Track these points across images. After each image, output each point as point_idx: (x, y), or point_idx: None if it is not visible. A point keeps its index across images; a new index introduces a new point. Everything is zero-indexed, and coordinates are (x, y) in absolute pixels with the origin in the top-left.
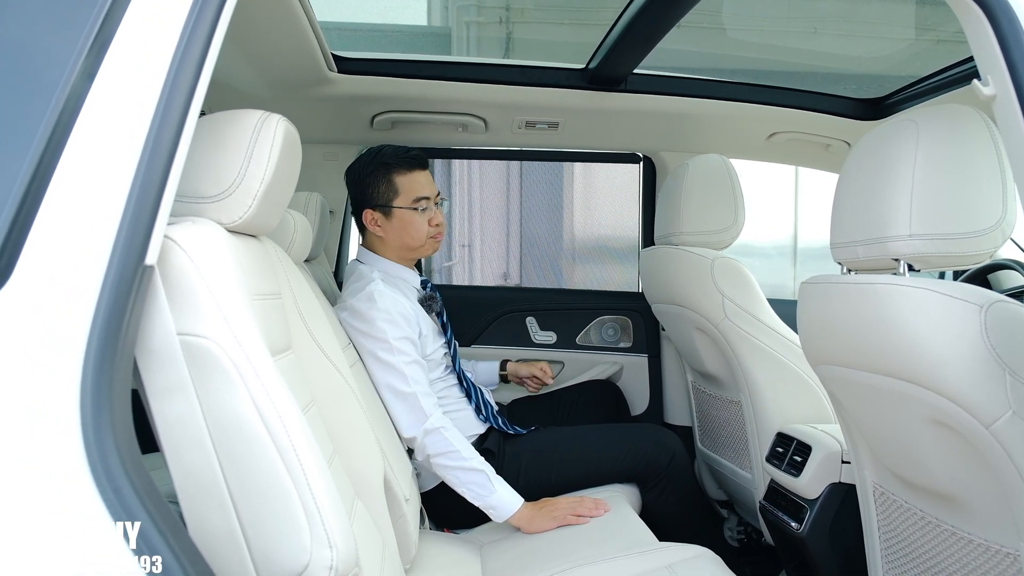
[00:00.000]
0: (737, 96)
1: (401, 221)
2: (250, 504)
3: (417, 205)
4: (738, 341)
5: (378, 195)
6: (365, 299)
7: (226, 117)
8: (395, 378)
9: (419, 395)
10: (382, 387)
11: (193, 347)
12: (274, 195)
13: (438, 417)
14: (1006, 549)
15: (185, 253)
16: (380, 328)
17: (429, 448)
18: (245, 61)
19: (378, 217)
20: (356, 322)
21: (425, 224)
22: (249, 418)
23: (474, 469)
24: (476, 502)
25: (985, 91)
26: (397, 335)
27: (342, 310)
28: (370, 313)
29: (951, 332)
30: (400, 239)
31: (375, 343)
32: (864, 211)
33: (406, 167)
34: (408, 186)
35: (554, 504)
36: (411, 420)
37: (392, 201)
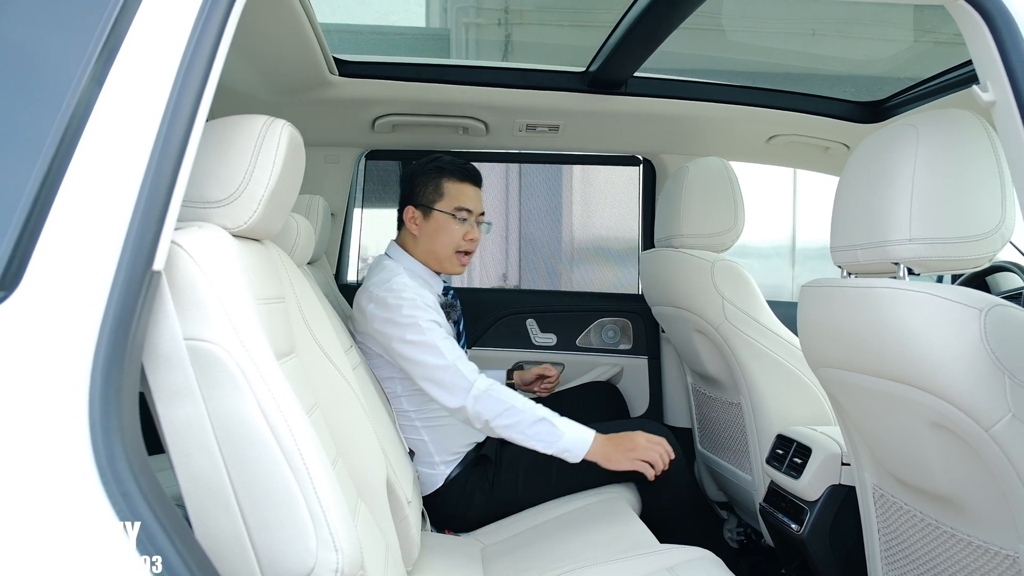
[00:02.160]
0: (737, 99)
1: (437, 225)
2: (256, 507)
3: (457, 214)
4: (738, 343)
5: (424, 194)
6: (391, 288)
7: (231, 122)
8: (430, 354)
9: (458, 364)
10: (417, 368)
11: (200, 352)
12: (279, 199)
13: (482, 380)
14: (1005, 551)
15: (192, 259)
16: (408, 314)
17: (484, 413)
18: (247, 65)
19: (417, 216)
20: (382, 311)
21: (459, 235)
22: (255, 422)
23: (537, 420)
24: (547, 451)
25: (984, 97)
26: (426, 317)
27: (368, 300)
28: (397, 301)
29: (951, 335)
30: (431, 243)
31: (404, 329)
32: (864, 215)
33: (458, 176)
34: (454, 194)
35: (631, 441)
36: (455, 390)
37: (435, 203)
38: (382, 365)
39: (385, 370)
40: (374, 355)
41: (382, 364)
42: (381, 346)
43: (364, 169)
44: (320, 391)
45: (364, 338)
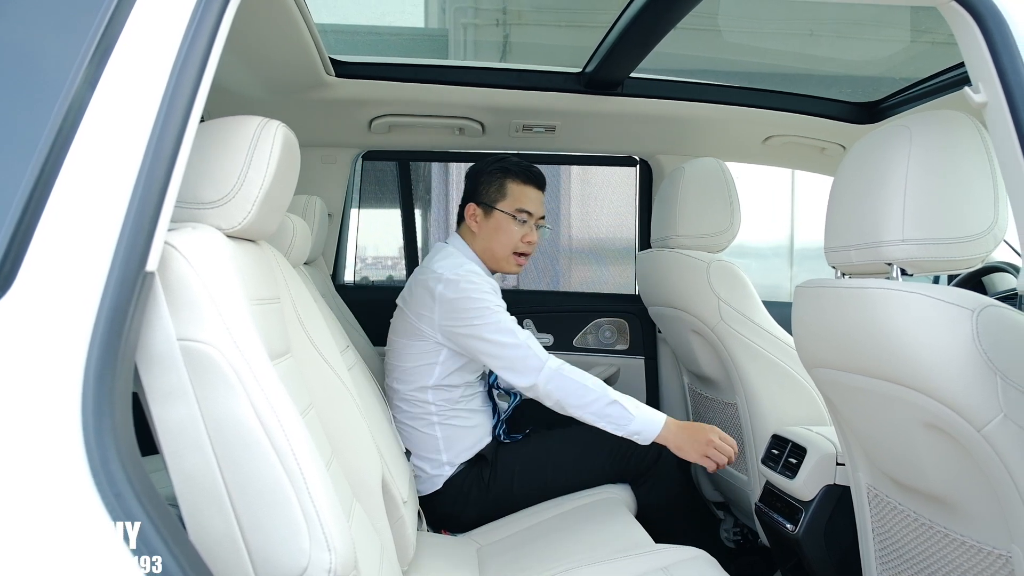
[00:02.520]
0: (733, 100)
1: (497, 224)
2: (249, 507)
3: (517, 215)
4: (734, 344)
5: (487, 193)
6: (463, 272)
7: (225, 123)
8: (503, 334)
9: (529, 343)
10: (488, 347)
11: (193, 352)
12: (273, 200)
13: (553, 359)
14: (998, 551)
15: (185, 259)
16: (481, 297)
17: (555, 393)
18: (243, 65)
19: (478, 213)
20: (453, 292)
21: (518, 237)
22: (248, 422)
23: (609, 402)
24: (617, 433)
25: (976, 98)
26: (496, 301)
27: (436, 281)
28: (469, 284)
29: (943, 336)
30: (489, 242)
31: (477, 311)
32: (858, 216)
33: (523, 179)
34: (517, 195)
35: (704, 434)
36: (527, 370)
37: (497, 203)
38: (426, 351)
39: (426, 357)
40: (419, 339)
41: (426, 350)
42: (441, 328)
43: (361, 169)
44: (315, 392)
45: (419, 320)
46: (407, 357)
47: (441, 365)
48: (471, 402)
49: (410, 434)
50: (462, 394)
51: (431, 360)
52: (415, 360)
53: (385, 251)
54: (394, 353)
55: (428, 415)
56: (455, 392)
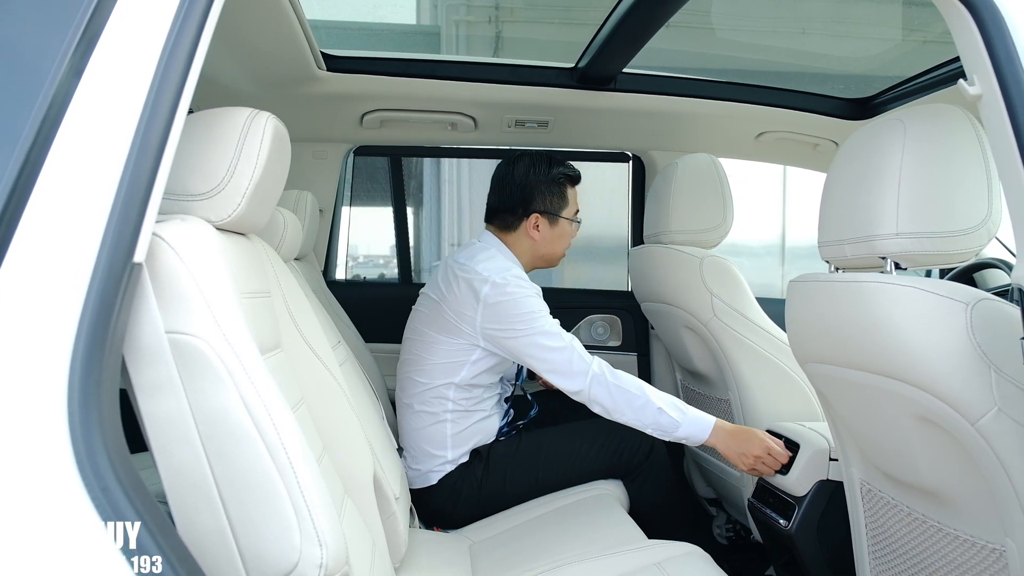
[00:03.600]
0: (726, 96)
1: (561, 231)
2: (239, 502)
3: (576, 219)
4: (726, 339)
5: (551, 203)
6: (511, 277)
7: (215, 115)
8: (549, 338)
9: (574, 345)
10: (536, 351)
11: (182, 345)
12: (263, 193)
13: (598, 363)
14: (991, 545)
15: (174, 251)
16: (528, 301)
17: (601, 398)
18: (233, 58)
19: (543, 223)
20: (500, 295)
21: (572, 237)
22: (238, 416)
23: (655, 410)
24: (664, 438)
25: (971, 91)
26: (542, 305)
27: (482, 283)
28: (517, 289)
29: (937, 329)
30: (551, 247)
31: (525, 315)
32: (851, 210)
33: (575, 181)
34: (572, 199)
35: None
36: (574, 374)
37: (561, 211)
38: (460, 349)
39: (459, 355)
40: (457, 336)
41: (461, 348)
42: (483, 331)
43: (352, 165)
44: (306, 386)
45: (459, 319)
46: (438, 352)
47: (471, 365)
48: (487, 403)
49: (419, 428)
50: (482, 395)
51: (462, 358)
52: (446, 356)
53: (376, 248)
54: (422, 345)
55: (444, 411)
56: (476, 392)
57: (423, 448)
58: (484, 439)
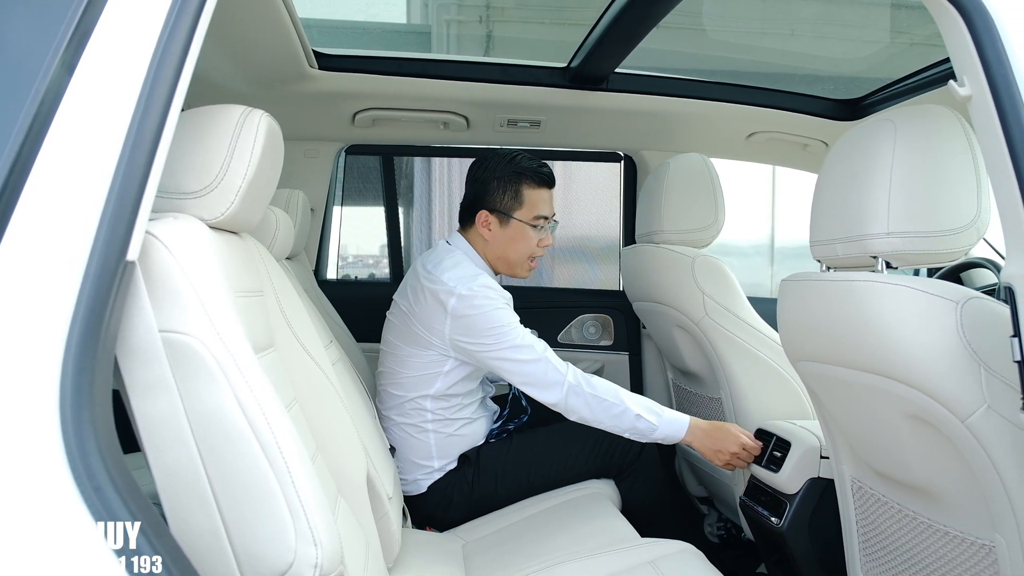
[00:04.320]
0: (717, 96)
1: (514, 233)
2: (234, 502)
3: (536, 223)
4: (718, 338)
5: (502, 201)
6: (479, 287)
7: (208, 112)
8: (522, 352)
9: (549, 357)
10: (509, 364)
11: (175, 344)
12: (256, 191)
13: (573, 373)
14: (981, 541)
15: (167, 249)
16: (498, 314)
17: (579, 409)
18: (225, 56)
19: (492, 221)
20: (468, 308)
21: (534, 243)
22: (232, 415)
23: (633, 416)
24: (643, 440)
25: (961, 92)
26: (512, 316)
27: (448, 295)
28: (485, 300)
29: (928, 328)
30: (503, 250)
31: (495, 328)
32: (843, 209)
33: (537, 182)
34: (534, 201)
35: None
36: (550, 385)
37: (513, 212)
38: (432, 361)
39: (432, 367)
40: (427, 349)
41: (433, 360)
42: (453, 343)
43: (344, 164)
44: (299, 386)
45: (428, 332)
46: (411, 365)
47: (445, 376)
48: (467, 409)
49: (401, 438)
50: (462, 402)
51: (435, 370)
52: (419, 369)
53: (368, 248)
54: (395, 359)
55: (424, 422)
56: (455, 400)
57: (409, 459)
58: (471, 444)
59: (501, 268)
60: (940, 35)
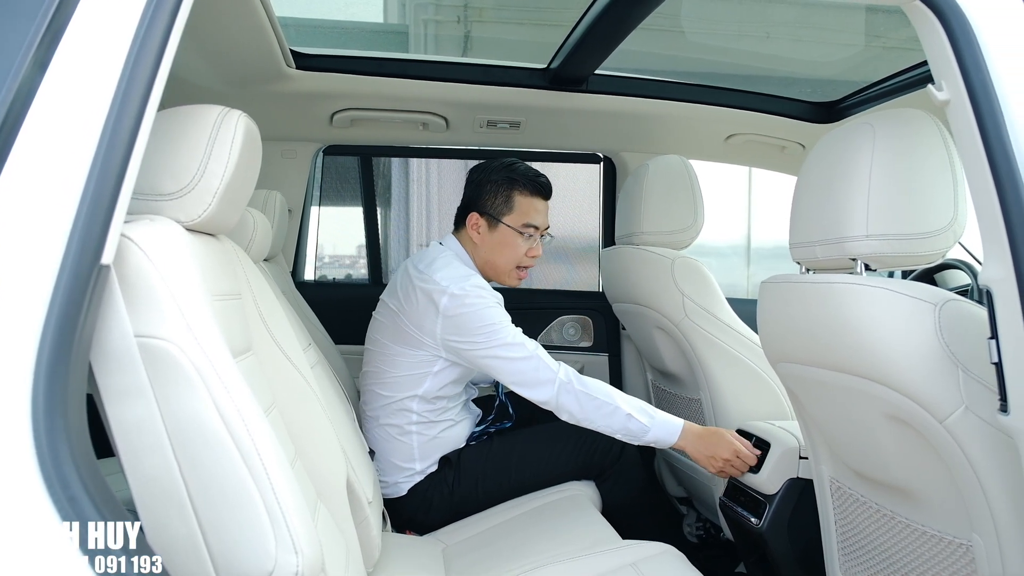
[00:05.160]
0: (696, 98)
1: (502, 238)
2: (212, 509)
3: (525, 231)
4: (698, 339)
5: (493, 204)
6: (471, 287)
7: (185, 112)
8: (514, 350)
9: (540, 355)
10: (501, 363)
11: (152, 349)
12: (234, 193)
13: (565, 371)
14: (959, 540)
15: (143, 252)
16: (491, 313)
17: (570, 407)
18: (200, 55)
19: (482, 224)
20: (460, 307)
21: (522, 252)
22: (211, 421)
23: (624, 416)
24: (634, 443)
25: (939, 96)
26: (504, 316)
27: (441, 294)
28: (478, 300)
29: (906, 330)
30: (491, 255)
31: (485, 328)
32: (822, 212)
33: (530, 190)
34: (524, 209)
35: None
36: (541, 383)
37: (503, 216)
38: (422, 361)
39: (421, 366)
40: (417, 348)
41: (423, 359)
42: (444, 342)
43: (322, 165)
44: (278, 390)
45: (420, 331)
46: (399, 364)
47: (435, 376)
48: (452, 412)
49: (384, 439)
50: (447, 405)
51: (425, 370)
52: (408, 369)
53: (347, 249)
54: (383, 358)
55: (408, 424)
56: (440, 403)
57: (390, 461)
58: (452, 446)
59: (488, 273)
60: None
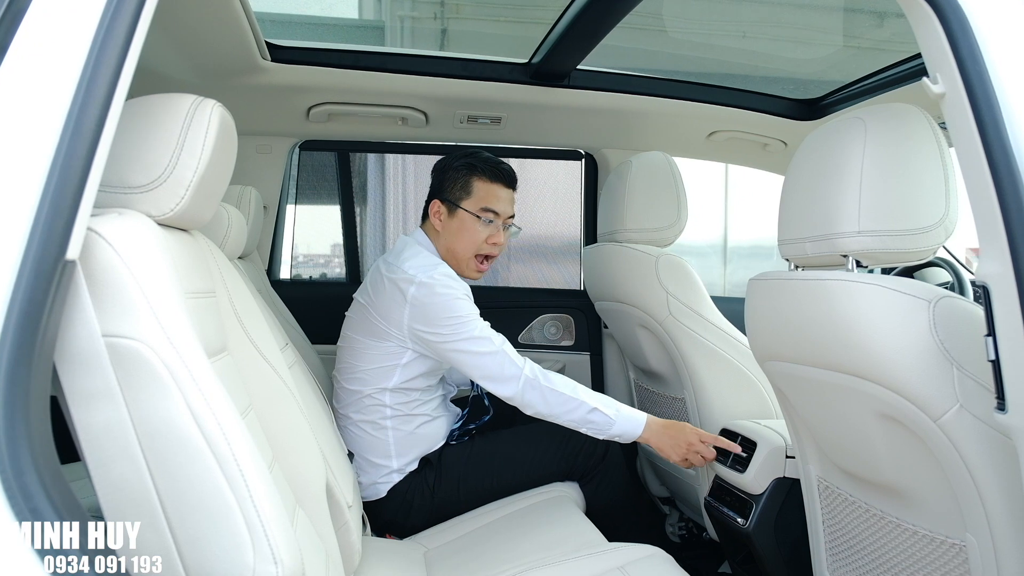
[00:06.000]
0: (679, 95)
1: (460, 224)
2: (186, 519)
3: (483, 215)
4: (682, 338)
5: (452, 190)
6: (438, 276)
7: (156, 101)
8: (479, 344)
9: (505, 348)
10: (465, 357)
11: (121, 349)
12: (208, 186)
13: (531, 367)
14: (951, 540)
15: (111, 247)
16: (456, 306)
17: (535, 403)
18: (172, 45)
19: (442, 211)
20: (427, 296)
21: (481, 238)
22: (184, 425)
23: (589, 410)
24: (599, 437)
25: (935, 89)
26: (471, 308)
27: (408, 283)
28: (445, 289)
29: (900, 327)
30: (451, 242)
31: (453, 318)
32: (812, 208)
33: (489, 176)
34: (483, 194)
35: (683, 435)
36: (506, 378)
37: (461, 201)
38: (390, 353)
39: (389, 359)
40: (384, 339)
41: (390, 351)
42: (411, 332)
43: (298, 160)
44: (254, 391)
45: (387, 321)
46: (368, 358)
47: (403, 368)
48: (428, 406)
49: (359, 436)
50: (421, 397)
51: (393, 362)
52: (376, 361)
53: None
54: (352, 352)
55: (383, 419)
56: (413, 395)
57: (367, 459)
58: (431, 444)
59: (450, 263)
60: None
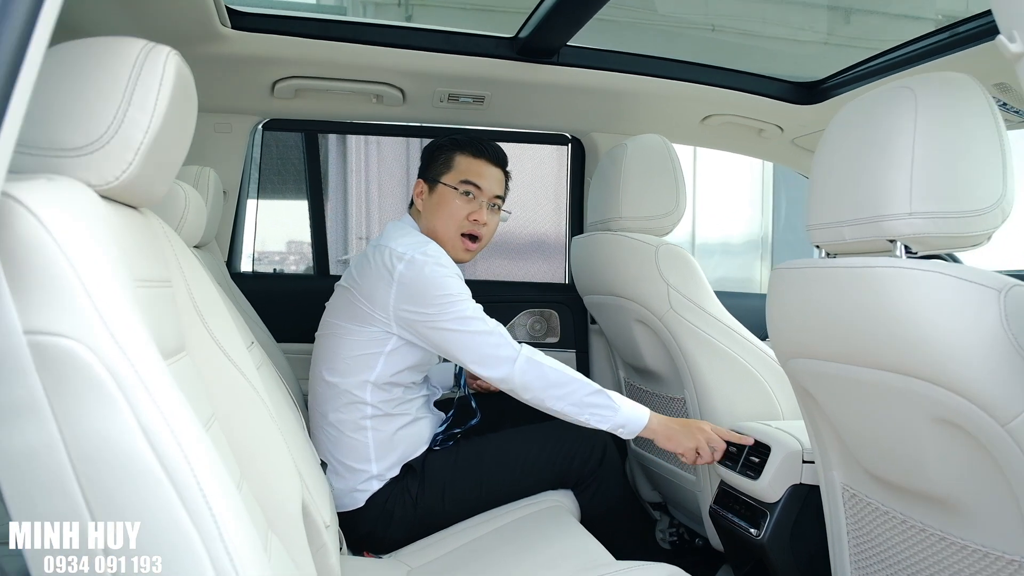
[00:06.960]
0: (673, 75)
1: (440, 199)
2: (136, 564)
3: (462, 187)
4: (684, 334)
5: (435, 168)
6: (428, 253)
7: (96, 45)
8: (471, 323)
9: (501, 331)
10: (456, 336)
11: (49, 350)
12: (162, 151)
13: (526, 347)
14: (1009, 556)
15: (37, 219)
16: (445, 284)
17: (534, 383)
18: (118, 6)
19: (424, 189)
20: (415, 273)
21: (462, 214)
22: (133, 445)
23: (592, 391)
24: (600, 426)
25: (1012, 48)
26: (463, 288)
27: (397, 260)
28: (435, 268)
29: (965, 320)
30: (432, 218)
31: (440, 299)
32: (853, 188)
33: (473, 152)
34: (463, 168)
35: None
36: (499, 359)
37: (441, 176)
38: (373, 339)
39: (372, 345)
40: (368, 324)
41: (374, 337)
42: (396, 313)
43: (262, 141)
44: (218, 398)
45: (371, 303)
46: (350, 345)
47: (387, 357)
48: (410, 405)
49: (335, 438)
50: (404, 395)
51: (377, 350)
52: (359, 349)
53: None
54: (332, 339)
55: (362, 418)
56: (396, 392)
57: (343, 463)
58: (414, 448)
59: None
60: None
